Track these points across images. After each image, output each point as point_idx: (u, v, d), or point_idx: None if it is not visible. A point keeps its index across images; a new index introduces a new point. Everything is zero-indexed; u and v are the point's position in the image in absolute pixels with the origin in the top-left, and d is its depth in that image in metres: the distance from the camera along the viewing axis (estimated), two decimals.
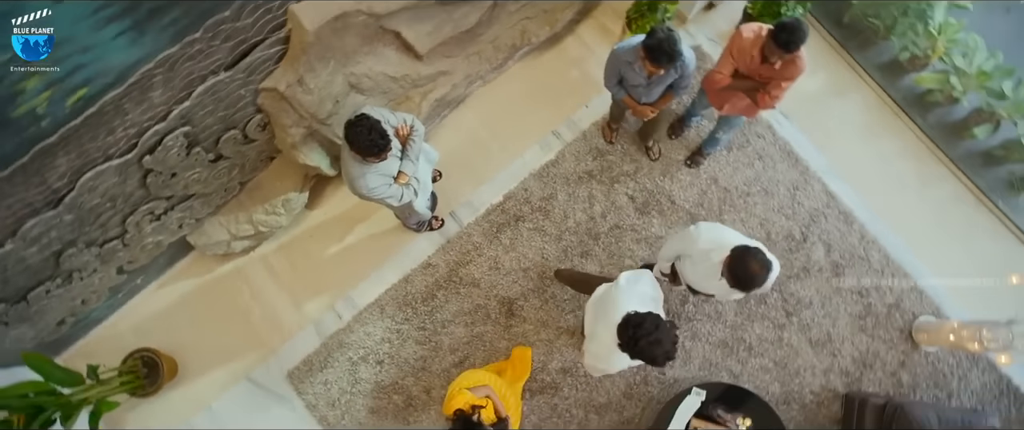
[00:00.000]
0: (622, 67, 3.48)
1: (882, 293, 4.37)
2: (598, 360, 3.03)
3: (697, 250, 3.13)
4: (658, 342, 2.62)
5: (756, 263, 2.84)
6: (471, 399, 2.97)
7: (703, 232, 3.14)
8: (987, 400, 4.23)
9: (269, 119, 3.73)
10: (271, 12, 3.17)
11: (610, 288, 3.16)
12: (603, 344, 2.91)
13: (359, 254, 4.42)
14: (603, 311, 3.04)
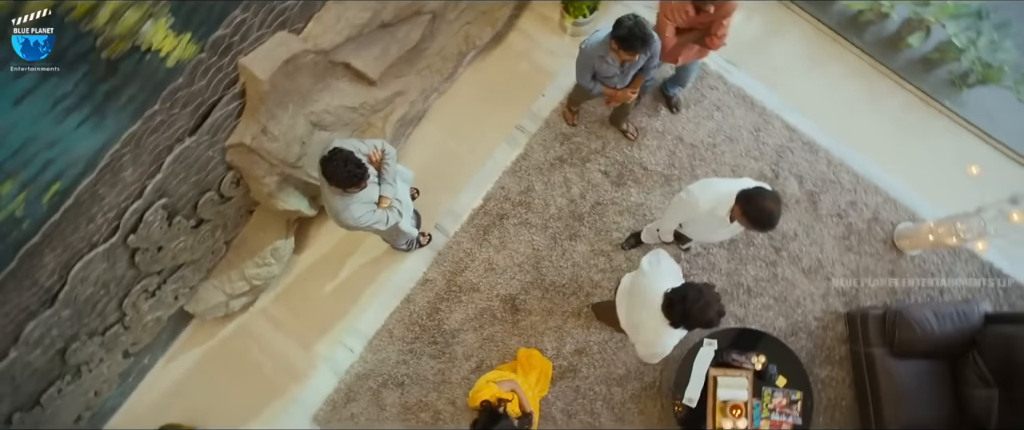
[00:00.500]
0: (594, 63, 3.56)
1: (859, 210, 4.58)
2: (652, 347, 3.10)
3: (701, 213, 3.24)
4: (707, 305, 2.74)
5: (769, 201, 2.95)
6: (498, 392, 3.07)
7: (698, 194, 3.23)
8: (975, 289, 4.45)
9: (241, 174, 3.78)
10: (222, 70, 3.22)
11: (635, 277, 3.26)
12: (651, 329, 3.00)
13: (356, 285, 4.48)
14: (638, 300, 3.12)
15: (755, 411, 3.98)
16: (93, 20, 2.47)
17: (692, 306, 2.74)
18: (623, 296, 3.36)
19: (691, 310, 2.74)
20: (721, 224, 3.23)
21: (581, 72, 3.69)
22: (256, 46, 3.32)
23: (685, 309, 2.76)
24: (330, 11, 3.60)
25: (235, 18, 3.08)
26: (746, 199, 3.00)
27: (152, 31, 2.73)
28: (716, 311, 2.76)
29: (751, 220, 3.00)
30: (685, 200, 3.30)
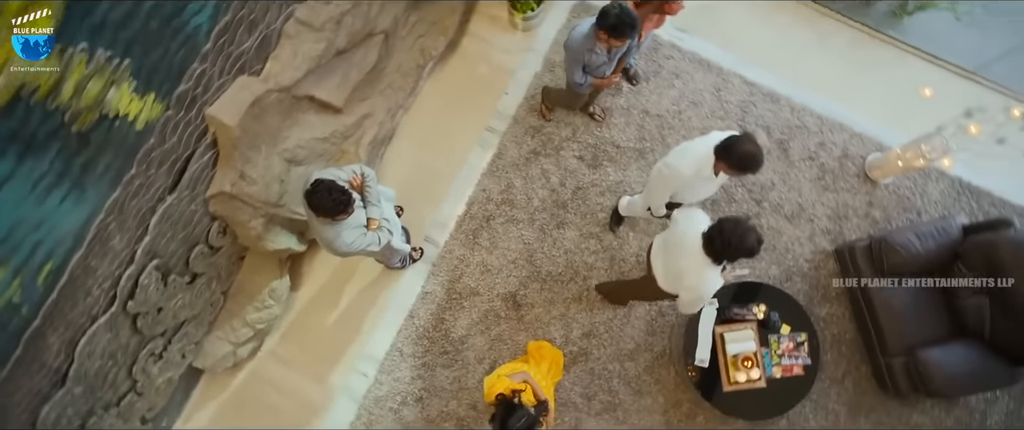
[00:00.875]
0: (583, 56, 3.60)
1: (829, 150, 4.74)
2: (696, 290, 3.17)
3: (686, 178, 3.34)
4: (746, 232, 2.85)
5: (747, 144, 3.05)
6: (511, 384, 3.15)
7: (678, 163, 3.32)
8: (949, 204, 4.64)
9: (227, 222, 3.81)
10: (191, 124, 3.27)
11: (667, 233, 3.39)
12: (694, 272, 3.10)
13: (359, 311, 4.53)
14: (676, 250, 3.25)
15: (765, 359, 4.11)
16: (58, 97, 2.50)
17: (731, 236, 2.84)
18: (658, 254, 3.47)
19: (731, 240, 2.84)
20: (708, 182, 3.34)
21: (573, 69, 3.71)
22: (219, 94, 3.37)
23: (725, 240, 2.86)
24: (285, 48, 3.66)
25: (195, 71, 3.13)
26: (725, 151, 3.11)
27: (117, 97, 2.77)
28: (755, 238, 2.87)
29: (736, 167, 3.11)
30: (667, 174, 3.39)
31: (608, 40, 3.38)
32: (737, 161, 3.08)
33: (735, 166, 3.11)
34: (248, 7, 3.28)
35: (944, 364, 3.93)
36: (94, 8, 2.48)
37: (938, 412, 4.41)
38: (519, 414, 2.98)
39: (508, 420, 2.97)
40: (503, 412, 3.03)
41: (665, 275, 3.43)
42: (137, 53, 2.76)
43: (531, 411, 3.06)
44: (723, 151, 3.12)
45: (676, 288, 3.35)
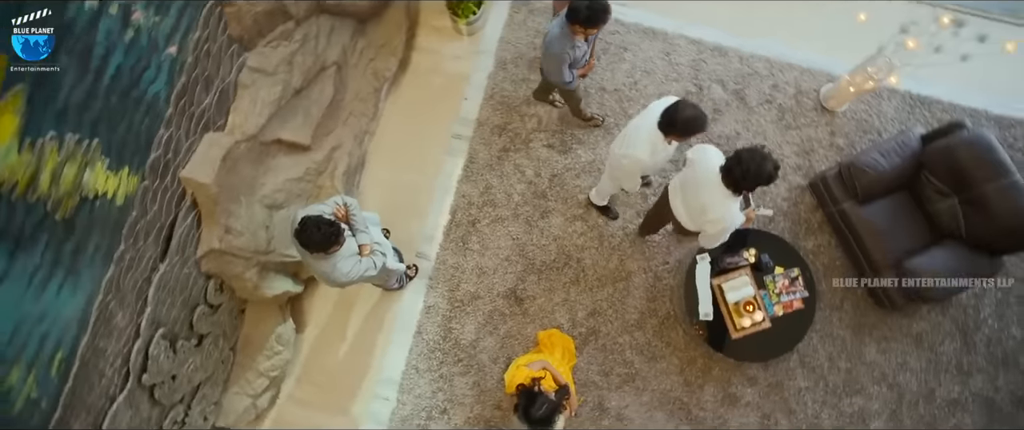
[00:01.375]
0: (567, 56, 3.68)
1: (783, 90, 4.92)
2: (721, 222, 3.32)
3: (647, 158, 3.46)
4: (763, 160, 2.99)
5: (684, 110, 3.18)
6: (530, 373, 3.25)
7: (634, 151, 3.43)
8: (905, 119, 4.86)
9: (222, 279, 3.86)
10: (168, 189, 3.32)
11: (683, 172, 3.54)
12: (717, 204, 3.25)
13: (367, 338, 4.61)
14: (694, 187, 3.41)
15: (765, 301, 4.27)
16: (37, 189, 2.55)
17: (749, 165, 2.98)
18: (676, 194, 3.62)
19: (750, 169, 2.98)
20: (666, 150, 3.49)
21: (561, 70, 3.78)
22: (190, 156, 3.43)
23: (744, 170, 2.99)
24: (244, 98, 3.72)
25: (162, 137, 3.18)
26: (668, 124, 3.25)
27: (93, 178, 2.82)
28: (772, 165, 3.02)
29: (683, 134, 3.26)
30: (628, 164, 3.53)
31: (585, 30, 3.49)
32: (681, 129, 3.22)
33: (681, 133, 3.26)
34: (201, 65, 3.34)
35: (930, 268, 4.12)
36: (55, 95, 2.53)
37: (935, 316, 4.62)
38: (540, 401, 3.08)
39: (530, 409, 3.07)
40: (525, 402, 3.13)
41: (688, 214, 3.58)
42: (104, 131, 2.82)
43: (552, 397, 3.16)
44: (666, 125, 3.26)
45: (700, 224, 3.50)
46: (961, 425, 4.50)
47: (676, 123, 3.22)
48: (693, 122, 3.19)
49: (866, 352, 4.58)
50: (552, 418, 3.10)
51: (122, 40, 2.81)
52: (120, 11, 2.76)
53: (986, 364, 4.56)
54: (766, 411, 4.52)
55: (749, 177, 3.02)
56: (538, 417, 3.05)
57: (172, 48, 3.14)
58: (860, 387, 4.55)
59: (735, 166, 3.04)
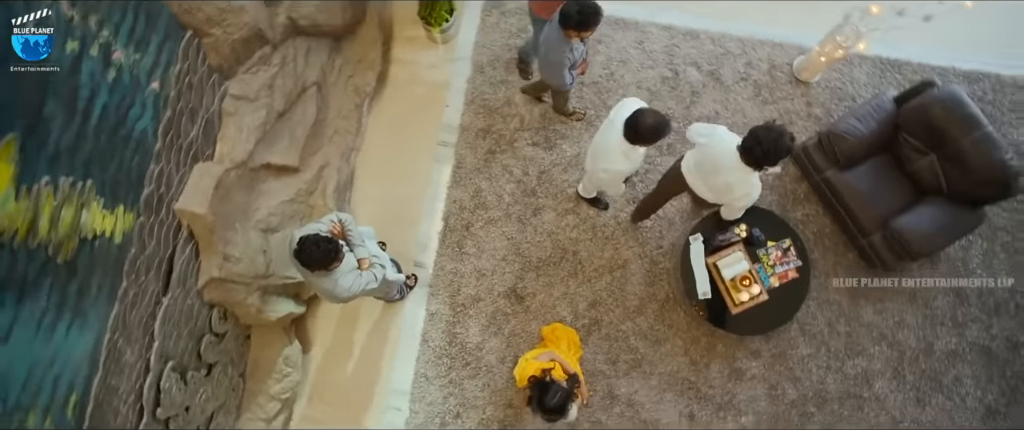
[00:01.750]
0: (566, 60, 3.76)
1: (757, 67, 5.03)
2: (749, 197, 3.53)
3: (625, 168, 3.57)
4: (780, 136, 3.12)
5: (645, 118, 3.27)
6: (540, 365, 3.33)
7: (610, 164, 3.54)
8: (877, 83, 4.98)
9: (224, 306, 3.91)
10: (164, 223, 3.36)
11: (695, 152, 3.67)
12: (742, 182, 3.40)
13: (374, 352, 4.66)
14: (712, 167, 3.53)
15: (761, 274, 4.36)
16: (37, 235, 2.59)
17: (768, 144, 3.11)
18: (692, 173, 3.72)
19: (769, 147, 3.11)
20: (639, 154, 3.57)
21: (561, 74, 3.85)
22: (182, 188, 3.47)
23: (764, 149, 3.12)
24: (229, 126, 3.77)
25: (153, 172, 3.23)
26: (634, 134, 3.33)
27: (90, 219, 2.86)
28: (789, 138, 3.15)
29: (646, 139, 3.34)
30: (608, 177, 3.67)
31: (579, 34, 3.56)
32: (646, 136, 3.31)
33: (647, 140, 3.35)
34: (184, 98, 3.39)
35: (916, 226, 4.24)
36: (46, 140, 2.57)
37: (927, 271, 4.74)
38: (553, 390, 3.16)
39: (544, 398, 3.14)
40: (538, 392, 3.20)
41: (711, 192, 3.71)
42: (96, 171, 2.86)
43: (564, 385, 3.23)
44: (632, 135, 3.33)
45: (726, 199, 3.65)
46: (961, 375, 4.62)
47: (640, 132, 3.30)
48: (656, 130, 3.29)
49: (863, 314, 4.69)
50: (566, 406, 3.18)
51: (105, 80, 2.86)
52: (101, 51, 2.80)
53: (980, 314, 4.69)
54: (772, 382, 4.62)
55: (770, 155, 3.16)
56: (552, 406, 3.13)
57: (154, 83, 3.19)
58: (861, 348, 4.66)
59: (755, 147, 3.16)
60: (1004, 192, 4.14)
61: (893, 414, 4.59)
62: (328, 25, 4.34)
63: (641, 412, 4.57)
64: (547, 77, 4.03)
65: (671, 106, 4.96)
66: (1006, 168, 4.03)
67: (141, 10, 3.03)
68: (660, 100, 4.97)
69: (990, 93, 4.94)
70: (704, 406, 4.59)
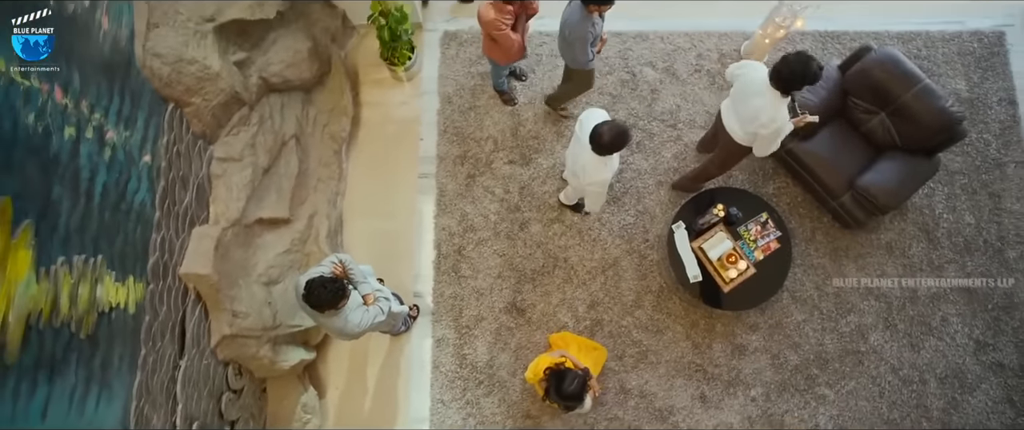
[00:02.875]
0: (589, 35, 4.01)
1: (707, 57, 5.36)
2: (775, 123, 3.72)
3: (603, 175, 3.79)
4: (808, 61, 3.43)
5: (606, 133, 3.50)
6: (552, 359, 3.50)
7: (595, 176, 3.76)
8: (821, 55, 5.35)
9: (238, 362, 4.03)
10: (172, 288, 3.51)
11: (732, 91, 3.98)
12: (770, 108, 3.65)
13: (388, 385, 4.79)
14: (745, 96, 3.82)
15: (745, 249, 4.62)
16: (59, 314, 2.73)
17: (796, 66, 3.41)
18: (728, 112, 4.03)
19: (796, 69, 3.41)
20: (615, 160, 3.81)
21: (585, 50, 4.09)
22: (183, 253, 3.63)
23: (791, 70, 3.42)
24: (219, 187, 3.96)
25: (156, 240, 3.39)
26: (599, 148, 3.57)
27: (105, 293, 3.00)
28: (816, 65, 3.45)
29: (612, 150, 3.58)
30: (597, 189, 3.92)
31: (599, 8, 3.84)
32: (610, 147, 3.55)
33: (614, 150, 3.59)
34: (174, 166, 3.57)
35: (880, 181, 4.55)
36: (57, 223, 2.73)
37: (898, 223, 5.05)
38: (570, 377, 3.32)
39: (561, 386, 3.30)
40: (555, 381, 3.35)
41: (741, 126, 3.96)
42: (105, 246, 3.02)
43: (579, 372, 3.40)
44: (598, 149, 3.57)
45: (753, 132, 3.86)
46: (947, 315, 4.90)
47: (603, 145, 3.55)
48: (617, 140, 3.53)
49: (847, 272, 4.96)
50: (582, 393, 3.34)
51: (102, 159, 3.03)
52: (95, 133, 2.99)
53: (953, 255, 4.99)
54: (774, 352, 4.85)
55: (796, 77, 3.45)
56: (570, 392, 3.29)
57: (146, 157, 3.37)
58: (851, 306, 4.92)
59: (783, 69, 3.47)
60: (951, 137, 4.48)
61: (892, 363, 4.83)
62: (298, 79, 4.56)
63: (655, 401, 4.75)
64: (570, 57, 4.28)
65: (634, 106, 5.25)
66: (948, 114, 4.36)
67: (126, 90, 3.22)
68: (623, 102, 5.27)
69: (924, 49, 5.32)
70: (713, 386, 4.79)
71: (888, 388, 4.80)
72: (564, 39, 4.17)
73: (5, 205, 2.44)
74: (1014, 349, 4.86)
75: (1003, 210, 5.05)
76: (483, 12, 4.05)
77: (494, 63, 4.70)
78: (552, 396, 3.40)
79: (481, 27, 4.19)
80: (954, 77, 5.27)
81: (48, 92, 2.70)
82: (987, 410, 4.77)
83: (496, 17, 4.02)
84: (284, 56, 4.38)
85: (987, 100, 5.24)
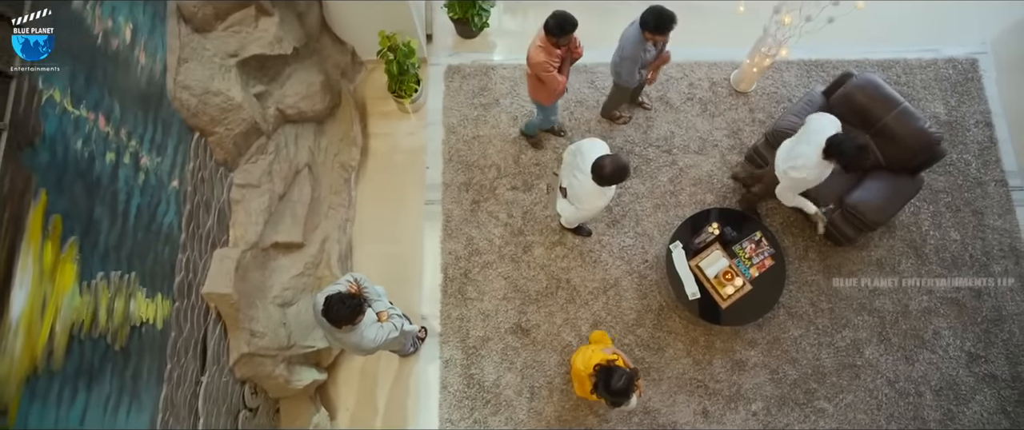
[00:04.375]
0: (639, 57, 4.42)
1: (698, 86, 5.70)
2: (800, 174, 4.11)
3: (603, 205, 4.12)
4: (863, 152, 3.81)
5: (607, 165, 3.77)
6: (605, 356, 3.66)
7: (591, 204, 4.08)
8: (805, 83, 5.70)
9: (254, 382, 4.21)
10: (195, 306, 3.73)
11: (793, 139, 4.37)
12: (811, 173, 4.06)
13: (398, 406, 4.96)
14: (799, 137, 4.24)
15: (740, 266, 4.87)
16: (98, 325, 2.95)
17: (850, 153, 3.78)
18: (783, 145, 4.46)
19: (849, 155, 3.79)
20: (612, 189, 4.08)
21: (633, 70, 4.50)
22: (206, 273, 3.85)
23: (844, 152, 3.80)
24: (239, 212, 4.21)
25: (181, 260, 3.62)
26: (601, 179, 3.84)
27: (137, 308, 3.22)
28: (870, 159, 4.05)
29: (615, 181, 3.86)
30: (591, 214, 4.29)
31: (653, 37, 4.22)
32: (610, 179, 3.84)
33: (614, 181, 3.88)
34: (199, 191, 3.83)
35: (867, 199, 4.82)
36: (97, 240, 2.97)
37: (886, 240, 5.31)
38: (619, 374, 3.48)
39: (610, 381, 3.47)
40: (604, 376, 3.51)
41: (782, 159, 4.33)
42: (137, 264, 3.25)
43: (627, 371, 3.56)
44: (600, 180, 3.86)
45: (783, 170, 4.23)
46: (939, 328, 5.12)
47: (605, 177, 3.83)
48: (616, 174, 3.81)
49: (840, 289, 5.20)
50: (629, 390, 3.50)
51: (137, 183, 3.29)
52: (132, 159, 3.25)
53: (941, 270, 5.24)
54: (773, 367, 5.05)
55: (846, 158, 3.81)
56: (619, 388, 3.44)
57: (174, 182, 3.63)
58: (846, 321, 5.15)
59: (841, 145, 3.81)
60: (932, 156, 4.78)
61: (887, 376, 5.03)
62: (311, 111, 4.87)
63: (658, 417, 4.93)
64: (618, 73, 4.63)
65: (630, 133, 5.57)
66: (928, 135, 4.67)
67: (159, 119, 3.51)
68: (619, 130, 5.58)
69: (903, 76, 5.68)
70: (715, 401, 4.97)
71: (885, 401, 4.98)
72: (618, 53, 4.54)
73: (56, 222, 2.69)
74: (1005, 360, 5.06)
75: (986, 226, 5.33)
76: (533, 54, 4.27)
77: (541, 107, 4.88)
78: (600, 391, 3.54)
79: (529, 68, 4.41)
80: (933, 101, 5.62)
81: (93, 120, 2.97)
82: (982, 421, 4.96)
83: (546, 60, 4.25)
84: (299, 89, 4.69)
85: (965, 123, 5.58)
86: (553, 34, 4.11)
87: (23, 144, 2.51)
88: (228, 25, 4.01)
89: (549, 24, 4.08)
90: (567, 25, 4.07)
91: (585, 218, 4.46)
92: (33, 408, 2.52)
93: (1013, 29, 5.82)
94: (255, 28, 4.15)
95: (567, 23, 4.07)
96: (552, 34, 4.11)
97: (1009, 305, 5.17)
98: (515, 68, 5.79)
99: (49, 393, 2.61)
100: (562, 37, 4.13)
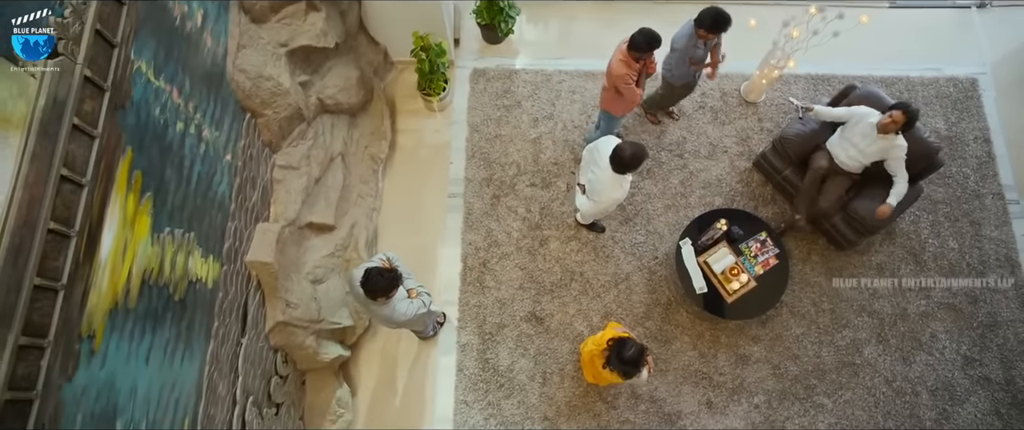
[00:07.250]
0: (689, 53, 4.75)
1: (710, 96, 6.11)
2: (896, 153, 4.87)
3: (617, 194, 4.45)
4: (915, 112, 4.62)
5: (626, 150, 4.15)
6: (618, 333, 4.02)
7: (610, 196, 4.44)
8: (811, 95, 6.10)
9: (286, 350, 4.57)
10: (239, 273, 4.11)
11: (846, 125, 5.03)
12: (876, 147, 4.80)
13: (416, 386, 5.29)
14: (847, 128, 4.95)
15: (746, 264, 5.21)
16: (163, 276, 3.32)
17: None
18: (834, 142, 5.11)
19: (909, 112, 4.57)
20: (628, 181, 4.45)
21: (680, 65, 4.87)
22: (249, 243, 4.23)
23: None
24: (280, 191, 4.60)
25: (231, 228, 4.01)
26: (619, 165, 4.21)
27: (194, 264, 3.60)
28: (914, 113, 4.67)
29: (630, 167, 4.21)
30: (607, 207, 4.64)
31: (707, 35, 4.56)
32: (629, 165, 4.20)
33: (632, 167, 4.24)
34: (247, 167, 4.23)
35: (868, 204, 5.18)
36: (166, 199, 3.36)
37: (887, 246, 5.66)
38: (629, 344, 3.85)
39: (622, 351, 3.83)
40: (617, 347, 3.87)
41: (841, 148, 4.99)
42: (196, 226, 3.64)
43: (638, 342, 3.92)
44: (619, 167, 4.22)
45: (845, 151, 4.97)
46: (936, 332, 5.45)
47: (623, 163, 4.20)
48: (636, 158, 4.16)
49: (841, 290, 5.54)
50: (640, 360, 3.85)
51: (199, 152, 3.69)
52: (196, 130, 3.66)
53: (939, 276, 5.58)
54: (775, 362, 5.37)
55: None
56: (629, 357, 3.81)
57: (228, 156, 4.04)
58: (846, 321, 5.47)
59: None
60: (930, 164, 5.15)
61: (885, 375, 5.35)
62: (347, 103, 5.29)
63: (664, 406, 5.24)
64: (669, 68, 5.01)
65: (644, 138, 5.96)
66: (926, 144, 5.05)
67: (219, 97, 3.92)
68: (635, 134, 5.98)
69: (905, 92, 6.08)
70: (719, 393, 5.29)
71: (883, 399, 5.29)
72: (671, 50, 4.90)
73: (138, 177, 3.09)
74: (999, 365, 5.37)
75: (983, 236, 5.68)
76: (615, 67, 4.61)
77: (608, 116, 5.21)
78: (612, 363, 3.89)
79: (608, 80, 4.75)
80: (933, 117, 6.01)
81: (169, 92, 3.38)
82: (976, 422, 5.25)
83: (627, 73, 4.58)
84: (337, 82, 5.12)
85: (964, 138, 5.96)
86: (638, 50, 4.39)
87: (118, 105, 2.92)
88: (281, 17, 4.45)
89: (637, 40, 4.36)
90: (654, 43, 4.38)
91: (602, 212, 4.83)
92: (113, 338, 2.89)
93: (1014, 55, 6.22)
94: (304, 21, 4.59)
95: (654, 41, 4.37)
96: (636, 49, 4.40)
97: (1004, 312, 5.50)
98: (536, 73, 6.22)
99: (125, 327, 2.98)
100: (646, 53, 4.41)
